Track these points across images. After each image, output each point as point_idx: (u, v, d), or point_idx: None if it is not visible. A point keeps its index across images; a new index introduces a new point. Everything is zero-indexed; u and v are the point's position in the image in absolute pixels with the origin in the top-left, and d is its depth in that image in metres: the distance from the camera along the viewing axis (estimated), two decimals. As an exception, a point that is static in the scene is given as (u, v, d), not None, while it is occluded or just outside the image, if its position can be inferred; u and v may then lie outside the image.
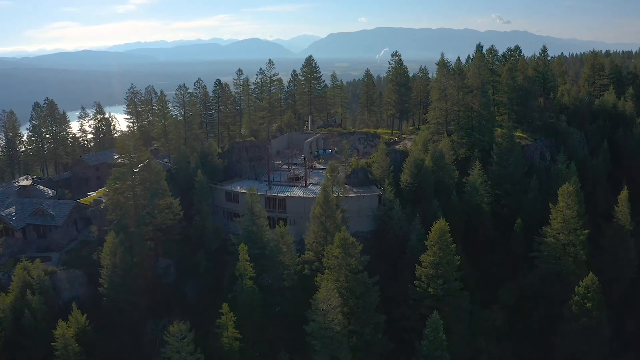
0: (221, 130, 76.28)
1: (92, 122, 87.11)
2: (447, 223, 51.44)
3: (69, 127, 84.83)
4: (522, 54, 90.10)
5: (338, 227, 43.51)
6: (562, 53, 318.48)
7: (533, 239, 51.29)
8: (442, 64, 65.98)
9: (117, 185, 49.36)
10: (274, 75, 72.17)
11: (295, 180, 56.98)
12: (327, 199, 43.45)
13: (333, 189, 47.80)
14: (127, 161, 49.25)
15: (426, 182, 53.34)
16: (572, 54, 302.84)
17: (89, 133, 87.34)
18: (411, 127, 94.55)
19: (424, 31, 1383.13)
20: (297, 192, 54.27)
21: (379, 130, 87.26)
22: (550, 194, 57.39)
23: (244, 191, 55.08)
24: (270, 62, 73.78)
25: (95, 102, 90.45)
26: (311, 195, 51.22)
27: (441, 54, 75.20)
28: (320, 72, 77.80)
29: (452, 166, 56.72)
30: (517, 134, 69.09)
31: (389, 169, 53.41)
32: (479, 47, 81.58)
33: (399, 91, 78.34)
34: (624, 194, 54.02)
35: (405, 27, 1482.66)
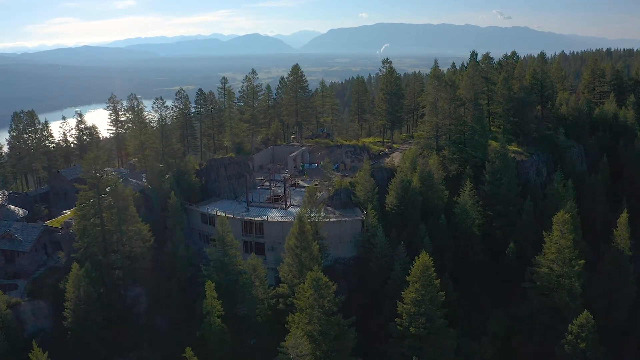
0: (206, 140, 73.27)
1: (73, 131, 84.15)
2: (435, 249, 49.07)
3: (52, 137, 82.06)
4: (518, 59, 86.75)
5: (314, 259, 40.60)
6: (562, 51, 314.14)
7: (526, 264, 48.49)
8: (434, 75, 62.50)
9: (84, 212, 46.50)
10: (257, 85, 68.62)
11: (275, 201, 53.95)
12: (303, 230, 40.46)
13: (311, 215, 44.83)
14: (94, 185, 46.33)
15: (413, 204, 50.26)
16: (573, 51, 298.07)
17: (71, 143, 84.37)
18: (404, 135, 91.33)
19: (425, 27, 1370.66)
20: (275, 215, 51.28)
21: (370, 140, 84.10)
22: (546, 217, 54.46)
23: (220, 214, 52.30)
24: (253, 71, 70.27)
25: (76, 111, 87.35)
26: (289, 220, 48.20)
27: (435, 63, 71.86)
28: (307, 81, 74.31)
29: (441, 186, 53.58)
30: (512, 147, 65.95)
31: (373, 190, 50.31)
32: (473, 55, 78.16)
33: (390, 100, 74.89)
34: (623, 218, 50.81)
35: (406, 23, 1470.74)
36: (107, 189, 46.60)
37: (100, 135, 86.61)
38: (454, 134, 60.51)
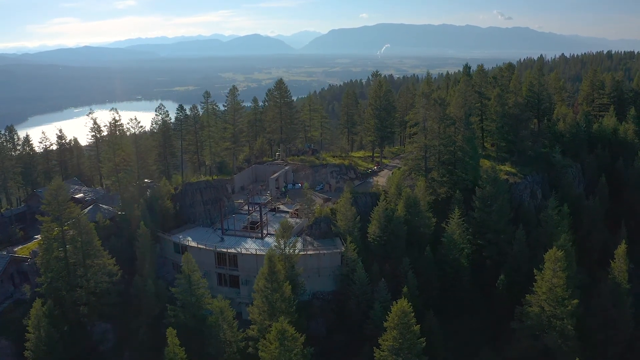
0: (190, 156, 70.19)
1: (54, 147, 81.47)
2: (420, 282, 46.17)
3: (33, 152, 79.42)
4: (514, 71, 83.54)
5: (286, 301, 37.74)
6: (562, 54, 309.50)
7: (518, 297, 45.57)
8: (422, 93, 59.43)
9: (47, 245, 43.83)
10: (238, 103, 65.46)
11: (251, 230, 51.07)
12: (273, 270, 37.61)
13: (285, 250, 41.99)
14: (56, 218, 43.66)
15: (397, 235, 47.32)
16: (573, 54, 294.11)
17: (52, 160, 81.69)
18: (396, 148, 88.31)
19: (426, 27, 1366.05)
20: (251, 246, 48.41)
21: (360, 154, 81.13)
22: (539, 246, 51.45)
23: (193, 244, 49.54)
24: (234, 88, 67.18)
25: (57, 127, 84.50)
26: (264, 252, 45.30)
27: (425, 78, 68.80)
28: (291, 96, 71.25)
29: (428, 214, 50.58)
30: (506, 168, 62.95)
31: (354, 220, 47.37)
32: (466, 68, 75.05)
33: (379, 116, 71.91)
34: (621, 249, 47.71)
35: (407, 23, 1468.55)
36: (69, 222, 43.91)
37: (85, 148, 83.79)
38: (443, 155, 57.46)
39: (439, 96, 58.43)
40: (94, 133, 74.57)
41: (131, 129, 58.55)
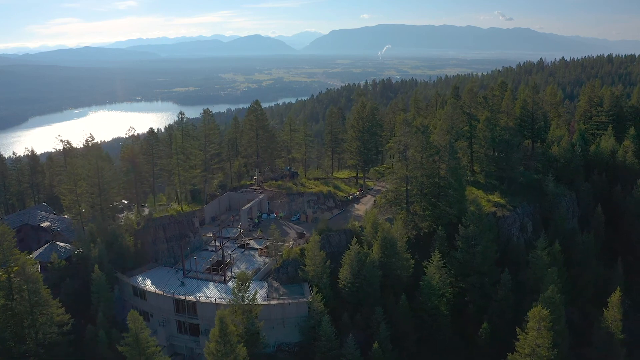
0: (166, 177, 66.26)
1: (24, 169, 77.94)
2: (395, 332, 42.37)
3: (5, 173, 76.01)
4: (507, 89, 79.43)
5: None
6: (562, 57, 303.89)
7: (502, 347, 41.68)
8: (404, 121, 55.52)
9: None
10: (210, 127, 61.41)
11: (214, 272, 47.30)
12: (225, 332, 33.85)
13: (245, 300, 38.28)
14: (2, 263, 40.12)
15: (370, 282, 43.47)
16: (573, 58, 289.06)
17: (24, 182, 78.23)
18: (383, 167, 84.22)
19: (427, 28, 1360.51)
20: (212, 292, 44.68)
21: (345, 174, 77.18)
22: (527, 290, 47.56)
23: (151, 289, 45.86)
24: (206, 111, 63.18)
25: (26, 147, 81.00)
26: (225, 302, 41.62)
27: (413, 95, 64.91)
28: (267, 118, 67.31)
29: (406, 255, 46.66)
30: (494, 198, 58.92)
31: (323, 265, 43.55)
32: (454, 89, 70.94)
33: (362, 138, 68.00)
34: (615, 297, 43.75)
35: (408, 24, 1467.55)
36: (14, 269, 40.35)
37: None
38: (426, 187, 53.53)
39: (422, 123, 54.43)
40: (64, 153, 71.13)
41: (92, 157, 54.62)
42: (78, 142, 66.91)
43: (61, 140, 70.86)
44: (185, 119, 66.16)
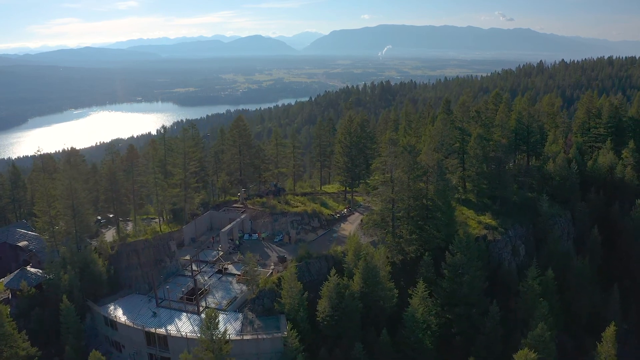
0: (148, 194, 64.04)
1: (6, 183, 75.65)
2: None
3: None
4: (502, 100, 76.97)
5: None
6: (562, 59, 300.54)
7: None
8: (390, 140, 53.19)
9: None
10: (189, 145, 58.81)
11: (188, 301, 45.01)
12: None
13: (213, 341, 35.91)
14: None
15: (350, 315, 41.14)
16: (573, 60, 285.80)
17: (4, 197, 76.00)
18: (374, 179, 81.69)
19: (427, 28, 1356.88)
20: (184, 325, 42.39)
21: (334, 188, 74.84)
22: (518, 320, 45.25)
23: (122, 319, 43.60)
24: (191, 125, 60.83)
25: (7, 157, 78.84)
26: (196, 337, 39.26)
27: (403, 108, 62.50)
28: (251, 133, 64.99)
29: (389, 284, 44.30)
30: (485, 220, 56.55)
31: (300, 297, 41.22)
32: (446, 103, 68.56)
33: (349, 154, 65.69)
34: (609, 332, 41.26)
35: (408, 25, 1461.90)
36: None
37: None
38: (412, 210, 51.13)
39: (409, 143, 52.03)
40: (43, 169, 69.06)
41: (66, 174, 52.45)
42: (59, 155, 64.99)
43: (40, 155, 68.88)
44: (167, 134, 63.88)
